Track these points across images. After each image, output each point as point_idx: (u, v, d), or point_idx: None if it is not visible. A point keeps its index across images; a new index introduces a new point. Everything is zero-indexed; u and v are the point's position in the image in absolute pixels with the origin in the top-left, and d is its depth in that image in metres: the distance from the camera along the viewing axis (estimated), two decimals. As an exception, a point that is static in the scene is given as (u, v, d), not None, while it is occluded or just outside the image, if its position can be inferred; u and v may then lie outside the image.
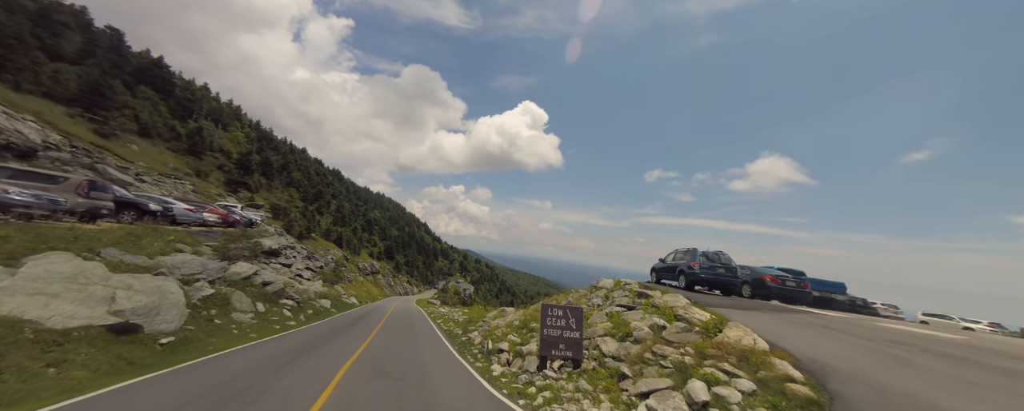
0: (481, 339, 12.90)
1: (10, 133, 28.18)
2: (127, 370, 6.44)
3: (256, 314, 12.74)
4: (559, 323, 7.15)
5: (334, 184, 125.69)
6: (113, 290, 7.20)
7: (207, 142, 61.23)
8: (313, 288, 22.99)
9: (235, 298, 12.19)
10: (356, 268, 66.30)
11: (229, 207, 31.73)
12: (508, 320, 13.96)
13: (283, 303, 15.43)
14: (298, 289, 18.03)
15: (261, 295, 14.21)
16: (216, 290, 11.61)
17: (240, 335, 10.38)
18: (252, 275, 14.28)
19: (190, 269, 11.44)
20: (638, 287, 12.20)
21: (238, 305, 12.12)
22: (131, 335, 7.27)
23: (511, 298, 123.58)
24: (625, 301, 10.62)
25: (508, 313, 18.46)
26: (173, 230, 14.73)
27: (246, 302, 12.64)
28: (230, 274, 13.32)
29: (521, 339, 10.34)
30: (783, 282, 11.95)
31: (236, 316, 11.47)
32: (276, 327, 12.48)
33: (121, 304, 7.08)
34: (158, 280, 8.68)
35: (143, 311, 7.44)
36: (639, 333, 6.88)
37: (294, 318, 14.83)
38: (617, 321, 8.19)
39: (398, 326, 16.73)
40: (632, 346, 6.71)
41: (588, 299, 12.48)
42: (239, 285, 13.27)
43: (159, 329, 7.81)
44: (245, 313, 12.12)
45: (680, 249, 13.86)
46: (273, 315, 13.69)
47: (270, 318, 13.18)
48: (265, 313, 13.36)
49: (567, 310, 7.19)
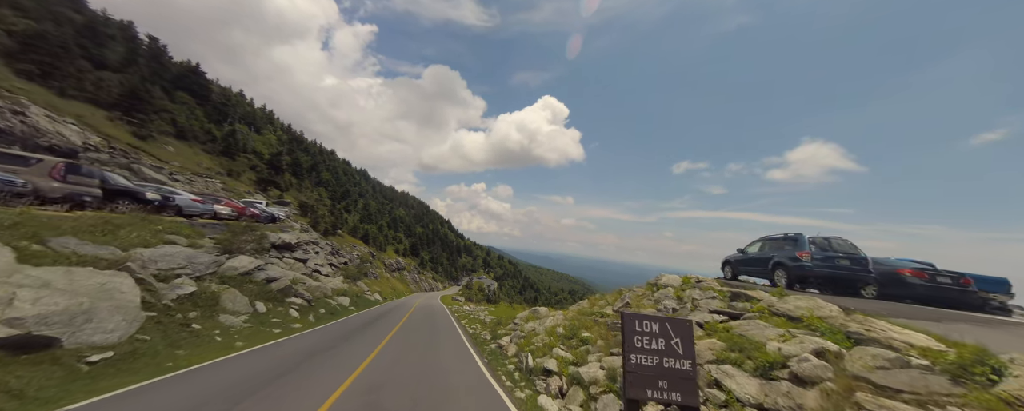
0: (515, 349, 10.22)
1: (53, 135, 28.45)
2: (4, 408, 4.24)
3: (253, 315, 10.71)
4: (653, 344, 4.33)
5: (361, 183, 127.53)
6: (14, 289, 5.08)
7: (240, 144, 62.41)
8: (331, 285, 21.22)
9: (227, 297, 10.17)
10: (382, 264, 65.77)
11: (253, 203, 30.91)
12: (547, 325, 11.20)
13: (290, 302, 13.46)
14: (311, 286, 16.12)
15: (263, 293, 12.25)
16: (202, 288, 9.61)
17: (222, 344, 8.25)
18: (253, 270, 12.33)
19: (171, 263, 9.47)
20: (721, 285, 9.08)
21: (230, 305, 10.09)
22: (41, 351, 5.13)
23: (535, 295, 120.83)
24: (715, 305, 7.58)
25: (542, 314, 15.71)
26: (170, 221, 13.04)
27: (241, 301, 10.62)
28: (226, 269, 11.38)
29: (575, 357, 7.52)
30: (932, 278, 8.43)
31: (225, 319, 9.42)
32: (275, 331, 10.37)
33: (20, 309, 4.94)
34: (103, 276, 6.58)
35: (59, 318, 5.29)
36: (803, 367, 3.93)
37: (302, 319, 12.79)
38: (731, 339, 5.24)
39: (417, 329, 14.36)
40: (795, 388, 3.80)
41: (653, 301, 9.49)
42: (235, 282, 11.30)
43: (91, 342, 5.67)
44: (238, 315, 10.08)
45: (772, 236, 10.56)
46: (275, 316, 11.66)
47: (270, 320, 11.12)
48: (265, 314, 11.34)
49: (666, 324, 4.35)
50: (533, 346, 9.66)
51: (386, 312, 21.01)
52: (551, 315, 12.96)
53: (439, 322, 17.58)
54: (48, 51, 38.99)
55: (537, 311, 16.78)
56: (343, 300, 20.44)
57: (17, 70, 35.66)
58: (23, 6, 43.89)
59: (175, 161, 41.70)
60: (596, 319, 9.71)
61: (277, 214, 31.82)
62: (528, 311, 17.40)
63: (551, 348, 8.59)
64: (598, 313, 10.20)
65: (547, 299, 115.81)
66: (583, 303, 14.06)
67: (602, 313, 10.06)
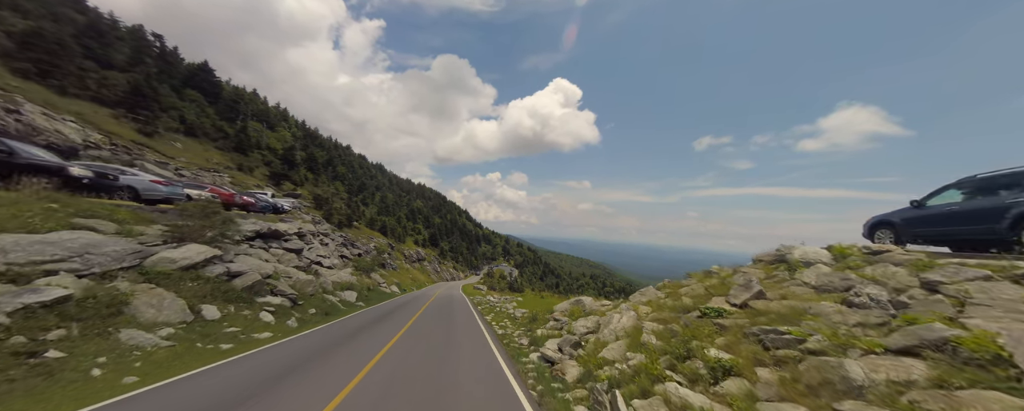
0: (577, 370, 6.36)
1: (50, 133, 26.48)
2: None
3: (190, 325, 7.31)
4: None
5: (377, 177, 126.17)
6: None
7: (253, 140, 60.76)
8: (334, 278, 18.05)
9: (143, 301, 6.77)
10: (402, 256, 63.59)
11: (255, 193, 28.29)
12: (621, 325, 7.28)
13: (264, 302, 10.10)
14: (300, 281, 12.80)
15: (220, 292, 8.88)
16: (91, 290, 6.21)
17: (95, 385, 4.81)
18: (204, 262, 8.95)
19: (40, 254, 6.09)
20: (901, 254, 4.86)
21: (147, 313, 6.69)
22: None
23: (556, 281, 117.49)
24: None
25: (592, 308, 11.82)
26: (98, 202, 9.81)
27: (173, 306, 7.22)
28: (156, 261, 8.01)
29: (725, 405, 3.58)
30: None
31: (129, 336, 6.01)
32: (222, 347, 6.91)
33: None
34: None
35: None
36: None
37: (277, 324, 9.42)
38: None
39: (430, 333, 10.73)
40: None
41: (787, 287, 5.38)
42: (170, 279, 7.92)
43: None
44: (160, 327, 6.68)
45: (992, 173, 6.18)
46: (233, 323, 8.28)
47: (221, 330, 7.72)
48: (216, 322, 7.95)
49: None
50: (609, 365, 5.78)
51: (398, 307, 17.71)
52: (613, 310, 9.01)
53: (458, 320, 13.99)
54: (45, 49, 37.20)
55: (581, 302, 12.91)
56: (348, 295, 17.24)
57: (13, 69, 33.97)
58: (23, 8, 42.36)
59: (182, 157, 39.85)
60: (714, 321, 5.70)
61: (282, 205, 29.10)
62: (568, 302, 13.55)
63: (655, 375, 4.66)
64: (704, 309, 6.19)
65: (568, 284, 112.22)
66: (650, 291, 10.05)
67: (713, 309, 6.04)
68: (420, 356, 7.53)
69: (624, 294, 22.72)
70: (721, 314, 5.84)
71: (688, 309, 6.93)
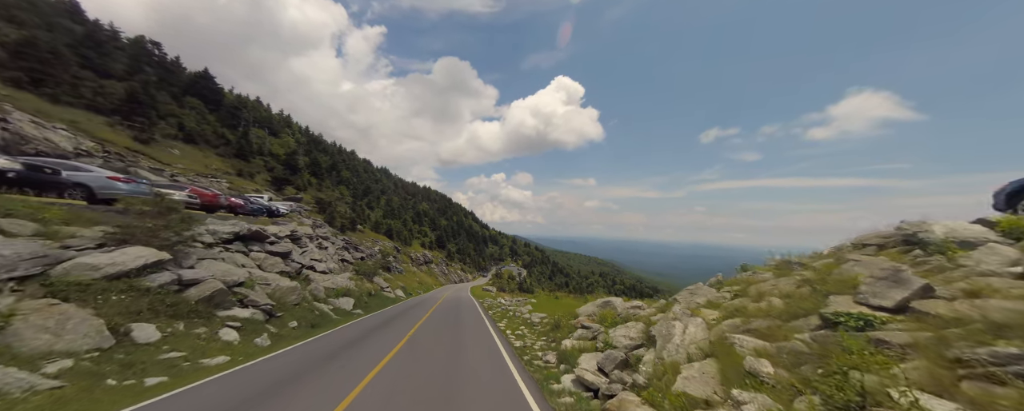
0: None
1: (39, 142, 25.10)
2: None
3: (104, 353, 5.41)
4: None
5: (383, 180, 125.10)
6: None
7: (255, 147, 59.70)
8: (328, 284, 16.17)
9: (29, 324, 4.87)
10: (408, 258, 61.87)
11: (248, 196, 26.68)
12: (684, 339, 5.19)
13: (226, 316, 8.18)
14: (279, 289, 10.90)
15: (160, 307, 6.95)
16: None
17: None
18: (141, 269, 7.05)
19: None
20: None
21: (35, 341, 4.78)
22: None
23: (565, 280, 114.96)
24: None
25: (624, 312, 9.69)
26: (24, 200, 7.98)
27: (80, 328, 5.31)
28: (71, 268, 6.12)
29: None
30: None
31: (-8, 376, 4.12)
32: (124, 386, 4.98)
33: None
34: None
35: None
36: None
37: (240, 344, 7.49)
38: None
39: (431, 349, 8.67)
40: None
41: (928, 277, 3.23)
42: (88, 291, 6.03)
43: None
44: (52, 359, 4.77)
45: None
46: (176, 346, 6.36)
47: (148, 359, 5.78)
48: (150, 347, 6.03)
49: None
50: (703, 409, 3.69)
51: (400, 314, 15.74)
52: (660, 314, 6.87)
53: (467, 328, 11.94)
54: (38, 58, 36.17)
55: (611, 304, 10.78)
56: (343, 302, 15.33)
57: (5, 78, 32.97)
58: (18, 19, 41.60)
59: (179, 163, 38.58)
60: (868, 336, 3.56)
61: (278, 208, 27.48)
62: (594, 304, 11.43)
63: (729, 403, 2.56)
64: (831, 316, 4.06)
65: (578, 283, 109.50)
66: (704, 289, 7.92)
67: (849, 315, 3.91)
68: (415, 388, 5.50)
69: (635, 292, 20.01)
70: (870, 323, 3.70)
71: (788, 314, 4.80)
